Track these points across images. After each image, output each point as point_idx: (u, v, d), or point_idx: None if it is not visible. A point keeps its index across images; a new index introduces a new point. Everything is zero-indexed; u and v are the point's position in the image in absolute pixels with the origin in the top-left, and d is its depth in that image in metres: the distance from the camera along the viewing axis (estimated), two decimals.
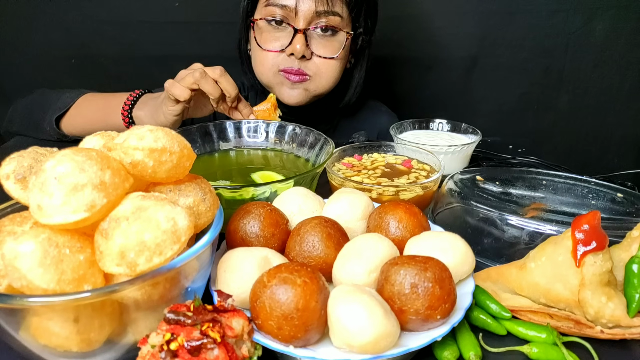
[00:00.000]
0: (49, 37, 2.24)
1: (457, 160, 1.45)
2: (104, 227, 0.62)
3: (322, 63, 1.59)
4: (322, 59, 1.58)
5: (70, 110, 1.62)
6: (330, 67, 1.61)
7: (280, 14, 1.53)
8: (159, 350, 0.58)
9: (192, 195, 0.75)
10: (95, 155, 0.63)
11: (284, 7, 1.51)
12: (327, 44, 1.58)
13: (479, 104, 2.38)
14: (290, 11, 1.51)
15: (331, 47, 1.59)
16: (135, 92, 1.52)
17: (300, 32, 1.52)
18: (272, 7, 1.53)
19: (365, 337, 0.65)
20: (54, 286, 0.58)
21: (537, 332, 0.81)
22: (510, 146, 2.10)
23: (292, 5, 1.50)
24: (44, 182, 0.60)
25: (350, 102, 1.82)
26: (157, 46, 2.28)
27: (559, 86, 2.26)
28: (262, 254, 0.80)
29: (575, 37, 2.15)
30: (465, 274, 0.83)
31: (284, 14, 1.53)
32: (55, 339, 0.62)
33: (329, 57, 1.59)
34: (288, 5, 1.50)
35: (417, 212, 0.92)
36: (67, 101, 1.62)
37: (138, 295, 0.64)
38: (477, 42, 2.25)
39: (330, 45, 1.59)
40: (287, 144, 1.37)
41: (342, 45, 1.59)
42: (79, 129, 1.60)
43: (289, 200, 0.98)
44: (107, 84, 2.31)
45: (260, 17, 1.57)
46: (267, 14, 1.55)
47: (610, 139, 2.30)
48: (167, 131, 0.72)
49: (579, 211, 1.08)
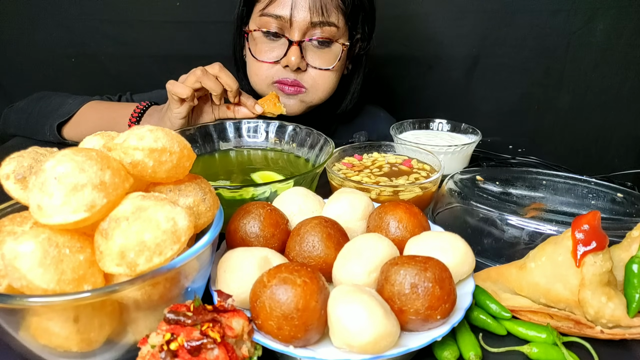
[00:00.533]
0: (50, 36, 2.24)
1: (457, 160, 1.45)
2: (104, 227, 0.62)
3: (318, 75, 1.57)
4: (317, 70, 1.56)
5: (73, 117, 1.60)
6: (326, 79, 1.59)
7: (275, 25, 1.50)
8: (159, 350, 0.58)
9: (192, 195, 0.75)
10: (95, 155, 0.63)
11: (278, 18, 1.48)
12: (322, 55, 1.56)
13: (479, 103, 2.38)
14: (285, 22, 1.48)
15: (327, 58, 1.56)
16: (143, 103, 1.52)
17: (295, 44, 1.49)
18: (267, 17, 1.50)
19: (365, 337, 0.65)
20: (54, 286, 0.58)
21: (537, 332, 0.81)
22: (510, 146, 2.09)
23: (287, 15, 1.47)
24: (44, 182, 0.60)
25: (347, 109, 1.80)
26: (158, 45, 2.29)
27: (559, 86, 2.27)
28: (262, 254, 0.80)
29: (576, 37, 2.15)
30: (465, 274, 0.83)
31: (278, 25, 1.50)
32: (55, 339, 0.62)
33: (325, 68, 1.56)
34: (283, 16, 1.47)
35: (417, 212, 0.92)
36: (71, 108, 1.60)
37: (138, 295, 0.64)
38: (477, 41, 2.25)
39: (326, 56, 1.56)
40: (287, 144, 1.37)
41: (338, 57, 1.57)
42: (82, 137, 1.59)
43: (289, 200, 0.98)
44: (107, 83, 2.33)
45: (255, 28, 1.54)
46: (262, 24, 1.52)
47: (610, 139, 2.30)
48: (167, 131, 0.72)
49: (579, 211, 1.08)
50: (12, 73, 2.33)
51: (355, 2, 1.53)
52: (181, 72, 1.37)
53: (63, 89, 1.76)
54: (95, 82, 2.32)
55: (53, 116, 1.61)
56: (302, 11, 1.47)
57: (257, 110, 1.44)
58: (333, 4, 1.49)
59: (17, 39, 2.25)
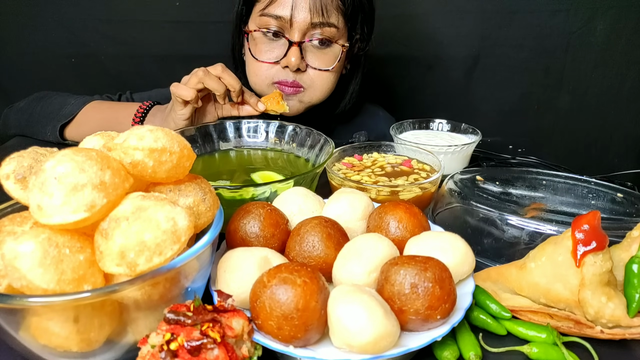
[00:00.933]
0: (50, 36, 2.24)
1: (457, 160, 1.45)
2: (104, 227, 0.63)
3: (317, 75, 1.57)
4: (316, 71, 1.56)
5: (75, 118, 1.60)
6: (325, 79, 1.59)
7: (275, 25, 1.50)
8: (159, 350, 0.58)
9: (192, 195, 0.75)
10: (95, 155, 0.63)
11: (278, 18, 1.48)
12: (322, 56, 1.56)
13: (479, 104, 2.38)
14: (285, 22, 1.48)
15: (326, 59, 1.56)
16: (146, 103, 1.51)
17: (295, 45, 1.49)
18: (267, 17, 1.50)
19: (365, 337, 0.65)
20: (54, 286, 0.58)
21: (537, 332, 0.81)
22: (510, 146, 2.10)
23: (287, 16, 1.47)
24: (44, 182, 0.60)
25: (346, 109, 1.80)
26: (158, 45, 2.29)
27: (559, 86, 2.27)
28: (262, 254, 0.80)
29: (576, 36, 2.15)
30: (465, 274, 0.83)
31: (278, 25, 1.50)
32: (55, 339, 0.63)
33: (324, 69, 1.56)
34: (283, 16, 1.47)
35: (417, 212, 0.92)
36: (73, 109, 1.60)
37: (138, 295, 0.64)
38: (477, 41, 2.25)
39: (326, 57, 1.56)
40: (287, 144, 1.37)
41: (338, 58, 1.57)
42: (84, 137, 1.58)
43: (289, 200, 0.98)
44: (107, 82, 2.32)
45: (255, 28, 1.54)
46: (262, 24, 1.52)
47: (610, 139, 2.30)
48: (167, 131, 0.72)
49: (579, 211, 1.08)
50: (11, 73, 2.32)
51: (355, 3, 1.53)
52: (181, 72, 1.37)
53: (63, 88, 1.76)
54: (95, 82, 2.32)
55: (55, 117, 1.60)
56: (303, 12, 1.46)
57: (260, 107, 1.44)
58: (333, 5, 1.49)
59: (16, 38, 2.25)
